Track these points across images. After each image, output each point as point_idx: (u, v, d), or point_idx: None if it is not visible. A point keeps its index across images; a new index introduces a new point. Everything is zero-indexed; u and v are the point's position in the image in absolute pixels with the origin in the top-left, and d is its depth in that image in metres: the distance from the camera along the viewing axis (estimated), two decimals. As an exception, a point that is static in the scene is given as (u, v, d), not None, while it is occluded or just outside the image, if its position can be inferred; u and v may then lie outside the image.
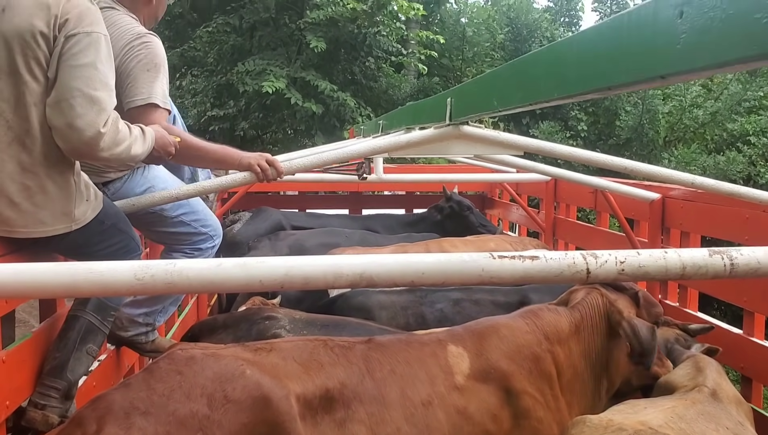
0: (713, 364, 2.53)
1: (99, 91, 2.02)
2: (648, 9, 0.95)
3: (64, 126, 1.98)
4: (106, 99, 2.04)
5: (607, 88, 1.08)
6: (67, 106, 1.97)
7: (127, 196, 2.66)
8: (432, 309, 3.31)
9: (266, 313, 2.92)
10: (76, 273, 1.30)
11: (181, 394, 1.80)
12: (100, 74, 2.03)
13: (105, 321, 2.45)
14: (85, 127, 1.98)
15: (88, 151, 2.05)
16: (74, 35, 1.99)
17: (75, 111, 1.97)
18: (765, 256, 1.45)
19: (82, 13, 2.03)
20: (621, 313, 2.45)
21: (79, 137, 1.99)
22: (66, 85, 1.98)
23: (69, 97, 1.97)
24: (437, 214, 5.65)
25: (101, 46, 2.05)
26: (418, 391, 2.11)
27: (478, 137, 2.29)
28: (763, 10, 0.70)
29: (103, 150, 2.04)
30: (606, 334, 2.48)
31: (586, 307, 2.49)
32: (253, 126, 13.95)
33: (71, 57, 1.99)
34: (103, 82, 2.04)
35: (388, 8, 12.79)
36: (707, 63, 0.81)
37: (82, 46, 2.00)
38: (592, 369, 2.46)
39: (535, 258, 1.43)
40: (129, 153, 2.16)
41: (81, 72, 1.99)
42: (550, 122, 14.27)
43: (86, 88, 1.99)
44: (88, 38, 2.01)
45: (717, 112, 13.97)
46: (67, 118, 1.97)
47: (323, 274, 1.34)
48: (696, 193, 3.37)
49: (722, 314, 7.17)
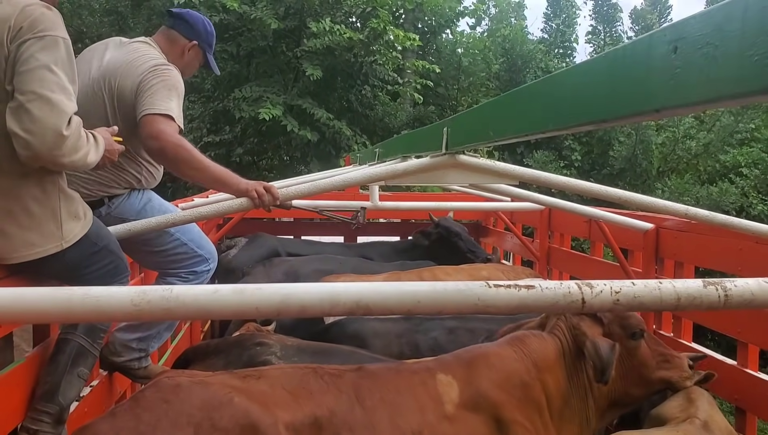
0: (705, 396, 2.52)
1: (56, 94, 1.89)
2: (643, 44, 0.97)
3: (22, 131, 1.86)
4: (63, 101, 1.92)
5: (602, 120, 1.10)
6: (24, 111, 1.85)
7: (128, 212, 2.74)
8: (426, 337, 3.30)
9: (258, 339, 2.91)
10: (72, 298, 1.29)
11: (167, 422, 1.78)
12: (56, 77, 1.92)
13: (95, 343, 2.43)
14: (44, 131, 1.86)
15: (49, 157, 1.92)
16: (25, 41, 1.90)
17: (32, 114, 1.85)
18: (759, 288, 1.46)
19: (36, 20, 1.93)
20: (585, 335, 2.46)
21: (40, 141, 1.86)
22: (21, 90, 1.88)
23: (24, 102, 1.86)
24: (425, 240, 5.66)
25: (58, 49, 1.95)
26: (408, 420, 2.10)
27: (474, 166, 2.31)
28: (755, 48, 0.72)
29: (64, 155, 1.93)
30: (579, 356, 2.50)
31: (561, 331, 2.51)
32: (248, 152, 14.02)
33: (23, 62, 1.89)
34: (60, 85, 1.92)
35: (384, 38, 12.95)
36: (700, 98, 0.82)
37: (33, 50, 1.90)
38: (577, 392, 2.47)
39: (530, 287, 1.43)
40: (86, 160, 2.05)
41: (34, 75, 1.89)
42: (545, 151, 14.40)
43: (41, 90, 1.88)
44: (41, 42, 1.91)
45: (709, 144, 14.14)
46: (25, 122, 1.85)
47: (320, 301, 1.34)
48: (690, 224, 3.39)
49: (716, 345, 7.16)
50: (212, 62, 3.22)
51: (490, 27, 20.39)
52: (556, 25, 19.46)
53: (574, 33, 19.59)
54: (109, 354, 2.79)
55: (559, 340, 2.49)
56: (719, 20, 0.78)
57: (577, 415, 2.44)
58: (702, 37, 0.81)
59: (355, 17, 14.23)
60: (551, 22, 19.78)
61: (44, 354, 2.35)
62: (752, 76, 0.72)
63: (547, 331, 2.55)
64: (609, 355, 2.36)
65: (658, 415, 2.48)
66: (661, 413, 2.47)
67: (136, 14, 15.68)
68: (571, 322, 2.53)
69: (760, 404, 2.84)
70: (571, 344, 2.50)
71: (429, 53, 16.17)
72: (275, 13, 12.94)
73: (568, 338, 2.51)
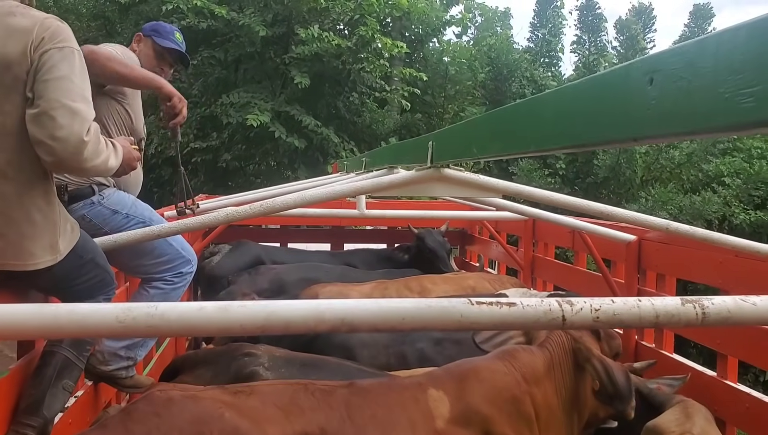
0: (702, 411, 2.53)
1: (78, 103, 2.02)
2: (621, 73, 0.99)
3: (47, 138, 1.97)
4: (85, 110, 2.04)
5: (581, 145, 1.12)
6: (48, 119, 1.97)
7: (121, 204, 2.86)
8: (413, 348, 3.32)
9: (246, 350, 2.91)
10: (58, 314, 1.30)
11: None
12: (76, 87, 2.04)
13: (81, 356, 2.42)
14: (68, 137, 1.98)
15: (72, 162, 2.04)
16: (47, 51, 2.00)
17: (57, 122, 1.96)
18: (735, 306, 1.49)
19: (55, 32, 2.05)
20: (590, 351, 2.48)
21: (63, 148, 1.98)
22: (45, 98, 1.97)
23: (49, 109, 1.97)
24: (404, 256, 5.72)
25: (75, 60, 2.07)
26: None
27: (459, 180, 2.33)
28: (725, 86, 0.74)
29: (86, 160, 2.04)
30: (573, 370, 2.52)
31: (553, 345, 2.53)
32: (236, 158, 13.98)
33: (46, 72, 1.99)
34: (81, 94, 2.05)
35: (372, 45, 12.99)
36: (676, 129, 0.84)
37: (55, 60, 2.01)
38: (564, 406, 2.49)
39: (512, 305, 1.45)
40: (107, 165, 2.17)
41: (58, 84, 2.00)
42: (529, 160, 14.48)
43: (65, 99, 1.99)
44: (60, 53, 2.02)
45: (693, 153, 14.30)
46: (50, 129, 1.96)
47: (304, 319, 1.35)
48: (672, 237, 3.44)
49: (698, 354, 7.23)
50: (166, 43, 3.36)
51: (476, 36, 20.50)
52: (542, 35, 19.61)
53: (560, 42, 19.74)
54: (96, 363, 2.79)
55: (549, 354, 2.51)
56: (692, 56, 0.81)
57: (563, 428, 2.46)
58: (676, 71, 0.84)
59: (343, 25, 14.26)
60: (537, 32, 19.93)
61: (29, 366, 2.34)
62: (724, 112, 0.75)
63: (537, 343, 2.57)
64: (626, 384, 2.39)
65: (654, 427, 2.48)
66: (657, 425, 2.47)
67: (123, 19, 15.60)
68: (572, 334, 2.55)
69: (739, 415, 2.88)
70: (563, 358, 2.52)
71: (416, 61, 16.23)
72: (263, 20, 12.95)
73: (561, 351, 2.52)
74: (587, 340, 2.58)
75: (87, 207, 2.76)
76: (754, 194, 12.89)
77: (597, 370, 2.43)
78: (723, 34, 0.76)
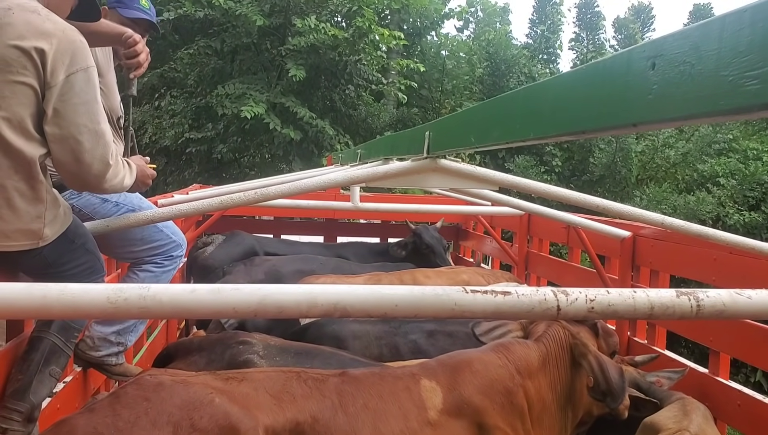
0: (701, 409, 2.53)
1: (102, 125, 2.09)
2: (622, 59, 0.98)
3: (72, 161, 2.04)
4: (108, 131, 2.12)
5: (581, 132, 1.11)
6: (75, 142, 2.03)
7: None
8: (406, 340, 3.31)
9: (241, 338, 2.90)
10: (48, 294, 1.28)
11: (147, 421, 1.77)
12: (100, 108, 2.11)
13: (68, 342, 2.41)
14: (94, 162, 2.06)
15: (94, 183, 2.13)
16: (75, 72, 2.04)
17: (83, 146, 2.04)
18: (730, 299, 1.48)
19: (78, 49, 2.06)
20: (586, 347, 2.48)
21: (88, 171, 2.06)
22: (71, 122, 2.02)
23: (76, 134, 2.03)
24: (401, 251, 5.73)
25: (95, 81, 2.11)
26: (391, 427, 2.10)
27: (455, 171, 2.32)
28: (730, 69, 0.73)
29: (107, 181, 2.14)
30: (569, 366, 2.51)
31: (550, 340, 2.52)
32: (231, 149, 13.93)
33: (75, 95, 2.03)
34: (103, 115, 2.12)
35: (369, 37, 12.94)
36: (677, 114, 0.83)
37: (82, 83, 2.05)
38: (558, 401, 2.48)
39: (507, 293, 1.44)
40: (122, 184, 2.27)
41: (85, 108, 2.05)
42: (526, 157, 14.48)
43: (91, 123, 2.05)
44: (86, 74, 2.06)
45: (688, 153, 14.32)
46: (76, 153, 2.04)
47: (297, 303, 1.34)
48: (666, 233, 3.44)
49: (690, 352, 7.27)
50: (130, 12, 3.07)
51: (476, 30, 20.46)
52: (540, 31, 19.57)
53: (558, 39, 19.71)
54: (86, 349, 2.79)
55: (545, 348, 2.50)
56: (696, 39, 0.80)
57: (556, 423, 2.46)
58: (679, 55, 0.83)
59: (341, 16, 14.21)
60: (536, 28, 19.89)
61: (16, 351, 2.32)
62: (727, 95, 0.74)
63: (534, 337, 2.56)
64: (619, 382, 2.38)
65: (651, 423, 2.48)
66: (654, 422, 2.47)
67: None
68: (570, 330, 2.54)
69: (730, 412, 2.89)
70: (560, 352, 2.51)
71: (414, 54, 16.19)
72: (260, 9, 12.88)
73: (558, 347, 2.51)
74: (585, 336, 2.57)
75: (75, 197, 2.72)
76: (749, 195, 12.92)
77: (592, 366, 2.42)
78: (727, 16, 0.75)
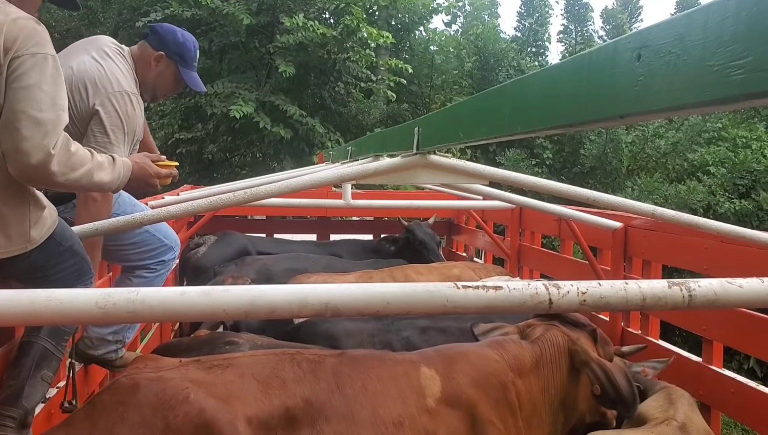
0: (686, 397, 2.54)
1: (45, 113, 1.95)
2: (608, 50, 0.98)
3: (12, 149, 1.93)
4: (53, 120, 1.97)
5: (569, 125, 1.11)
6: (13, 130, 1.92)
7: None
8: (399, 337, 3.30)
9: (228, 338, 2.89)
10: (36, 300, 1.27)
11: (123, 428, 1.75)
12: (46, 95, 1.96)
13: (59, 346, 2.40)
14: (31, 150, 1.92)
15: (39, 176, 1.98)
16: (18, 57, 1.93)
17: (20, 134, 1.91)
18: (722, 289, 1.49)
19: (29, 35, 1.96)
20: (588, 354, 2.46)
21: (27, 160, 1.93)
22: (11, 109, 1.92)
23: (14, 120, 1.92)
24: (391, 247, 5.73)
25: (47, 67, 1.99)
26: (390, 410, 2.08)
27: (445, 166, 2.31)
28: (715, 59, 0.73)
29: (55, 174, 1.98)
30: (566, 372, 2.49)
31: (546, 343, 2.51)
32: (221, 149, 13.89)
33: (15, 79, 1.93)
34: (50, 103, 1.97)
35: (357, 35, 12.90)
36: (663, 106, 0.83)
37: (26, 67, 1.94)
38: (550, 405, 2.46)
39: (498, 288, 1.44)
40: (91, 179, 2.13)
41: (25, 94, 1.93)
42: (516, 150, 14.50)
43: (31, 110, 1.93)
44: (33, 59, 1.95)
45: (678, 143, 14.37)
46: (14, 141, 1.92)
47: (288, 303, 1.33)
48: (657, 223, 3.45)
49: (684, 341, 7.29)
50: (189, 76, 3.12)
51: (464, 25, 20.45)
52: (528, 24, 19.57)
53: (547, 32, 19.72)
54: (86, 348, 2.86)
55: (539, 350, 2.48)
56: (681, 30, 0.79)
57: (546, 427, 2.45)
58: (665, 46, 0.82)
59: (329, 14, 14.16)
60: (524, 21, 19.89)
61: (7, 357, 2.30)
62: (712, 85, 0.74)
63: (530, 339, 2.54)
64: (629, 389, 2.35)
65: (637, 414, 2.48)
66: (640, 412, 2.47)
67: (106, 8, 15.43)
68: (570, 335, 2.53)
69: (724, 400, 2.90)
70: (557, 357, 2.49)
71: (402, 50, 16.17)
72: (248, 8, 12.82)
73: (554, 350, 2.50)
74: (585, 342, 2.55)
75: (69, 210, 2.72)
76: (739, 183, 12.98)
77: (597, 375, 2.39)
78: (712, 5, 0.75)
